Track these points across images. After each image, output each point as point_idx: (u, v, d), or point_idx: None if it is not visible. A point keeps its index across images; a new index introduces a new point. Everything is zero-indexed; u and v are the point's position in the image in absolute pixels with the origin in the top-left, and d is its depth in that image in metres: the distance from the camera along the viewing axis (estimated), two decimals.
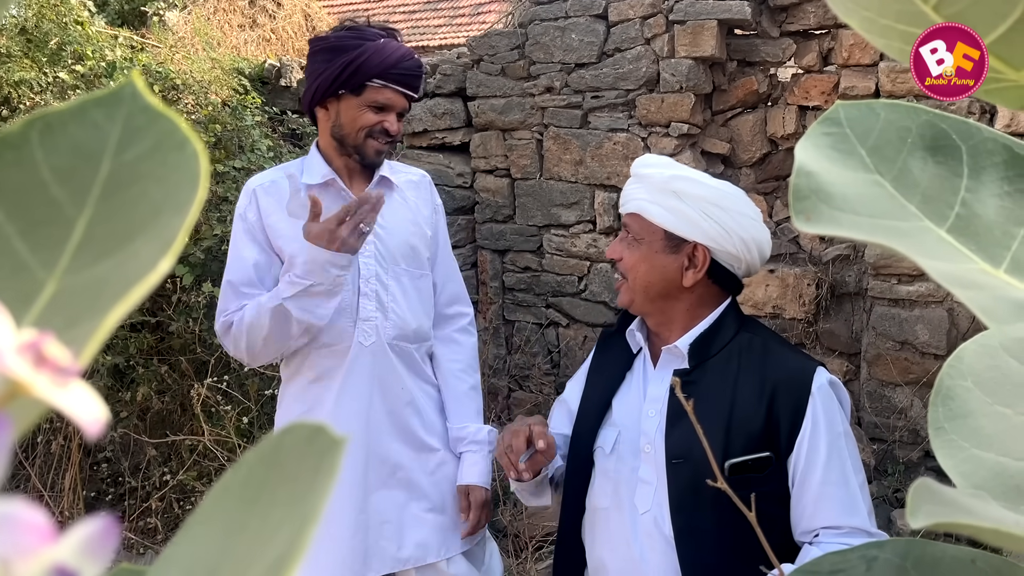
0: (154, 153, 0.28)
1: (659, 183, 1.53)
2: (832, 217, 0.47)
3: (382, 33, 1.96)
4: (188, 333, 3.11)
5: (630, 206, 1.58)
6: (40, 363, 0.21)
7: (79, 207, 0.28)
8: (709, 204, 1.51)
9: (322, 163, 2.00)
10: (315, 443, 0.24)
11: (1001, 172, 0.51)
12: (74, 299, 0.26)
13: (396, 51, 1.93)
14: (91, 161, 0.28)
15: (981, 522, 0.34)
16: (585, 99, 3.92)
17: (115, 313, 0.24)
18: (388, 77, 1.92)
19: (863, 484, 1.47)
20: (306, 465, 0.23)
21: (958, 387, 0.44)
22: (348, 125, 1.96)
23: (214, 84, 4.01)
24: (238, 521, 0.24)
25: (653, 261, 1.55)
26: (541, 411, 4.11)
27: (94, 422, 0.21)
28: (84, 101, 0.30)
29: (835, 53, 3.57)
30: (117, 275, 0.26)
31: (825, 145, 0.50)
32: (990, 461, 0.41)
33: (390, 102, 1.95)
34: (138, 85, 0.30)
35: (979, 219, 0.49)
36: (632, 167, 1.62)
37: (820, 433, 1.46)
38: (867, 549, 0.49)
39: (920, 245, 0.47)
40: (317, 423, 0.24)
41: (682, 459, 1.49)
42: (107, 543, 0.20)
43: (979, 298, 0.44)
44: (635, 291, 1.59)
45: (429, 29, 11.28)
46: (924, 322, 3.33)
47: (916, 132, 0.51)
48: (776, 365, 1.51)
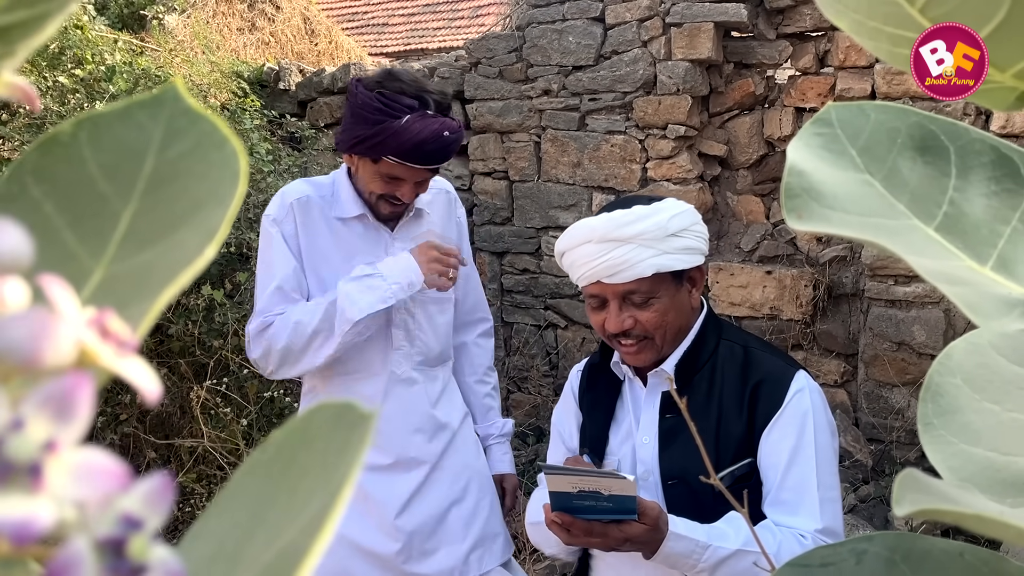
0: (195, 151, 0.30)
1: (661, 232, 1.45)
2: (823, 215, 0.47)
3: (414, 104, 1.82)
4: (187, 336, 3.11)
5: (637, 271, 1.46)
6: (105, 335, 0.23)
7: (125, 200, 0.30)
8: (696, 225, 1.51)
9: (354, 198, 1.97)
10: (344, 418, 0.25)
11: (988, 172, 0.52)
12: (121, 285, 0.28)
13: (419, 133, 1.79)
14: (136, 159, 0.30)
15: (964, 509, 0.34)
16: (583, 101, 3.93)
17: (165, 294, 0.26)
18: (406, 157, 1.82)
19: (833, 499, 1.44)
20: (336, 439, 0.24)
21: (947, 384, 0.45)
22: (362, 184, 1.93)
23: (213, 87, 4.02)
24: (268, 494, 0.25)
25: (676, 303, 1.52)
26: (540, 412, 4.11)
27: (152, 391, 0.23)
28: (129, 104, 0.32)
29: (831, 55, 3.58)
30: (162, 262, 0.28)
31: (816, 145, 0.51)
32: (978, 456, 0.42)
33: (405, 176, 1.87)
34: (180, 89, 0.32)
35: (966, 217, 0.50)
36: (595, 236, 1.48)
37: (785, 436, 1.44)
38: (857, 543, 0.50)
39: (909, 243, 0.48)
40: (345, 400, 0.25)
41: (676, 479, 1.49)
42: (166, 497, 0.22)
43: (965, 294, 0.45)
44: (664, 343, 1.53)
45: (428, 32, 11.28)
46: (921, 323, 3.34)
47: (906, 133, 0.52)
48: (756, 369, 1.50)
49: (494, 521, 2.13)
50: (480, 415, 2.25)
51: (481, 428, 2.24)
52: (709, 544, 1.36)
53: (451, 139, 1.84)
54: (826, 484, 1.44)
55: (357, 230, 1.97)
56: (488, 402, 2.25)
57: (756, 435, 1.47)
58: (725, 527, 1.40)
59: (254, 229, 3.17)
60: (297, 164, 3.79)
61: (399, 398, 2.01)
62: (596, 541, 1.37)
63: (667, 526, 1.36)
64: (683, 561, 1.37)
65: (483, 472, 2.16)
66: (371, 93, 1.83)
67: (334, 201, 1.98)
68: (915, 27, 0.44)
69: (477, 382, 2.24)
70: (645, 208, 1.47)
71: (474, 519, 2.08)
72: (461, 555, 2.04)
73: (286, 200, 1.95)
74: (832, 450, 1.48)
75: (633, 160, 3.86)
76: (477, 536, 2.07)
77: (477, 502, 2.10)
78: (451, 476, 2.07)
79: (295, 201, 1.94)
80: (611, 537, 1.35)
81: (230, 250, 3.18)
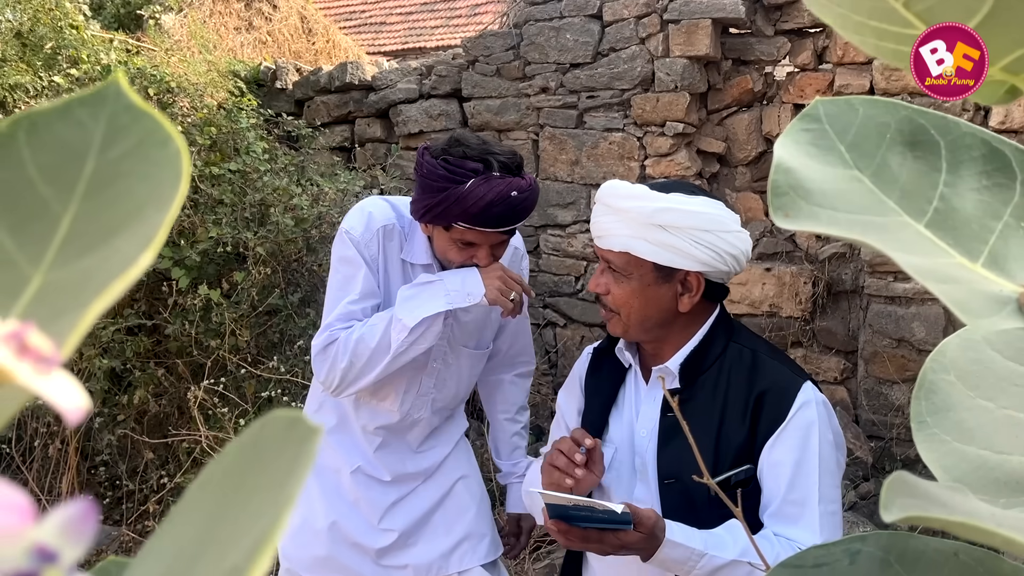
0: (137, 150, 0.29)
1: (643, 217, 1.44)
2: (811, 213, 0.47)
3: (479, 167, 1.77)
4: (185, 336, 3.11)
5: (611, 243, 1.49)
6: (23, 352, 0.21)
7: (65, 204, 0.28)
8: (699, 231, 1.44)
9: (426, 246, 1.93)
10: (294, 432, 0.24)
11: (979, 166, 0.51)
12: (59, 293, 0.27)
13: (485, 196, 1.74)
14: (76, 159, 0.29)
15: (951, 516, 0.34)
16: (580, 99, 3.93)
17: (96, 306, 0.25)
18: (474, 221, 1.77)
19: (833, 512, 1.43)
20: (285, 454, 0.24)
21: (941, 381, 0.44)
22: (440, 253, 1.88)
23: (210, 87, 4.01)
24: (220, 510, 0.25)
25: (647, 294, 1.49)
26: (539, 411, 4.10)
27: (75, 409, 0.22)
28: (69, 100, 0.31)
29: (830, 51, 3.58)
30: (100, 269, 0.26)
31: (804, 141, 0.50)
32: (972, 454, 0.41)
33: (479, 240, 1.82)
34: (122, 84, 0.31)
35: (957, 213, 0.49)
36: (601, 195, 1.52)
37: (789, 449, 1.42)
38: (850, 543, 0.49)
39: (898, 240, 0.47)
40: (295, 413, 0.25)
41: (673, 479, 1.49)
42: (87, 526, 0.21)
43: (953, 292, 0.45)
44: (630, 324, 1.53)
45: (426, 31, 11.27)
46: (920, 319, 3.33)
47: (895, 128, 0.51)
48: (762, 376, 1.47)
49: (481, 522, 2.15)
50: (506, 452, 2.25)
51: (505, 465, 2.24)
52: (705, 552, 1.35)
53: (520, 199, 1.78)
54: (828, 498, 1.42)
55: (417, 274, 1.93)
56: (516, 440, 2.25)
57: (757, 444, 1.45)
58: (724, 534, 1.39)
59: (250, 228, 3.16)
60: (294, 163, 3.78)
61: (409, 434, 2.06)
62: (593, 547, 1.38)
63: (664, 533, 1.35)
64: (679, 567, 1.37)
65: (473, 476, 2.19)
66: (436, 161, 1.80)
67: (407, 242, 1.95)
68: (901, 22, 0.44)
69: (508, 420, 2.25)
70: (644, 190, 1.47)
71: (459, 518, 2.11)
72: (443, 550, 2.07)
73: (373, 225, 1.90)
74: (835, 463, 1.46)
75: (631, 158, 3.85)
76: (461, 534, 2.10)
77: (463, 502, 2.13)
78: (439, 482, 2.12)
79: (381, 228, 1.90)
80: (607, 543, 1.36)
81: (227, 249, 3.17)
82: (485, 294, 1.82)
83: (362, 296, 1.87)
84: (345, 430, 2.05)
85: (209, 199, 3.21)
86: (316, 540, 2.03)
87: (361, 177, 4.07)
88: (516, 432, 2.25)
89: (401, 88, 4.46)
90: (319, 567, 2.03)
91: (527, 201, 1.80)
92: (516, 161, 1.83)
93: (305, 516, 2.03)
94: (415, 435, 2.07)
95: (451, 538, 2.09)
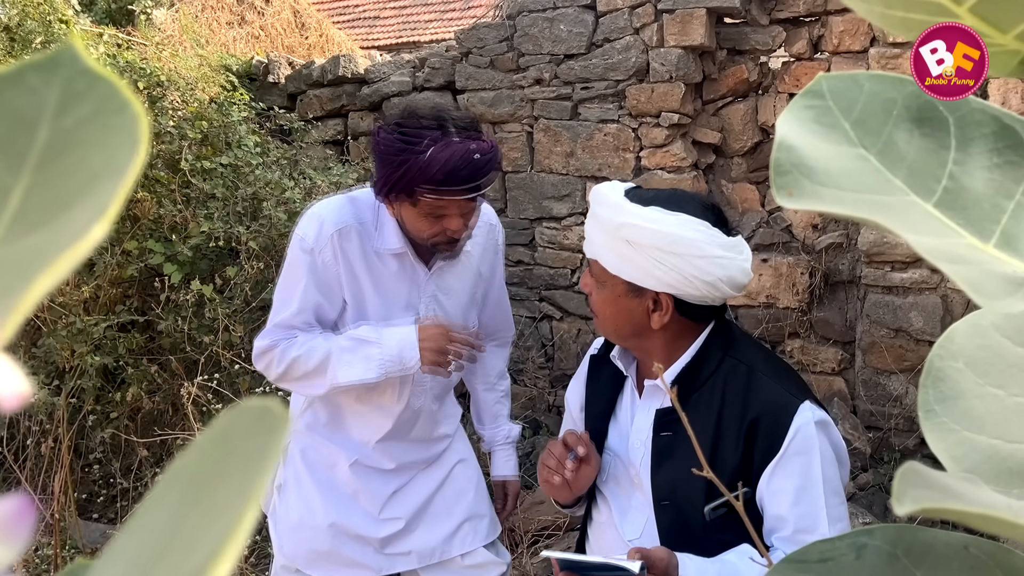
0: (94, 118, 0.27)
1: (611, 228, 1.39)
2: (814, 192, 0.45)
3: (435, 133, 1.74)
4: (177, 332, 3.08)
5: (587, 248, 1.46)
6: None
7: (15, 175, 0.27)
8: (662, 252, 1.35)
9: (397, 232, 1.90)
10: (262, 422, 0.24)
11: (990, 143, 0.49)
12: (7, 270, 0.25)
13: (446, 160, 1.71)
14: (28, 127, 0.27)
15: (969, 507, 0.32)
16: (575, 90, 3.90)
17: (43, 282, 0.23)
18: (440, 186, 1.73)
19: (842, 530, 1.36)
20: (254, 444, 0.24)
21: (949, 368, 0.43)
22: (411, 229, 1.85)
23: (201, 82, 3.98)
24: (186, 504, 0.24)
25: (618, 305, 1.45)
26: (535, 405, 4.09)
27: (12, 395, 0.20)
28: (21, 66, 0.29)
29: (825, 40, 3.56)
30: (52, 245, 0.25)
31: (807, 118, 0.49)
32: (982, 444, 0.40)
33: (448, 207, 1.79)
34: (77, 48, 0.29)
35: (967, 192, 0.48)
36: (591, 195, 1.48)
37: (789, 476, 1.37)
38: (856, 536, 0.48)
39: (906, 220, 0.45)
40: (265, 402, 0.24)
41: (668, 502, 1.46)
42: (22, 525, 0.19)
43: (967, 273, 0.43)
44: (607, 331, 1.52)
45: (420, 24, 11.24)
46: (918, 309, 3.32)
47: (902, 104, 0.50)
48: (757, 397, 1.40)
49: (480, 503, 2.16)
50: (488, 419, 2.26)
51: (488, 432, 2.26)
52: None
53: (483, 160, 1.75)
54: (835, 516, 1.38)
55: (393, 266, 1.92)
56: (498, 408, 2.26)
57: (754, 471, 1.40)
58: (736, 562, 1.35)
59: (243, 223, 3.14)
60: (286, 156, 3.76)
61: (411, 423, 2.05)
62: None
63: (677, 571, 1.32)
64: None
65: (470, 459, 2.20)
66: (391, 134, 1.77)
67: (376, 232, 1.91)
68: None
69: (488, 389, 2.26)
70: (620, 200, 1.40)
71: (459, 500, 2.12)
72: (445, 533, 2.08)
73: (325, 230, 1.87)
74: (839, 480, 1.41)
75: (627, 149, 3.83)
76: (462, 517, 2.11)
77: (462, 485, 2.14)
78: (439, 468, 2.13)
79: (335, 233, 1.87)
80: None
81: (219, 244, 3.15)
82: (420, 363, 1.85)
83: (299, 310, 1.88)
84: (339, 426, 2.04)
85: (201, 193, 3.18)
86: (316, 536, 2.02)
87: (354, 170, 4.05)
88: (497, 400, 2.26)
89: (394, 81, 4.44)
90: (322, 562, 2.03)
91: (490, 161, 1.77)
92: (473, 123, 1.81)
93: (303, 513, 2.01)
94: (421, 425, 2.06)
95: (452, 521, 2.09)
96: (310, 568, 2.03)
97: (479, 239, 2.05)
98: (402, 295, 1.94)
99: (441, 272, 1.98)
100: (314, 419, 2.04)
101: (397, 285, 1.94)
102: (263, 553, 2.96)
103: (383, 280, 1.92)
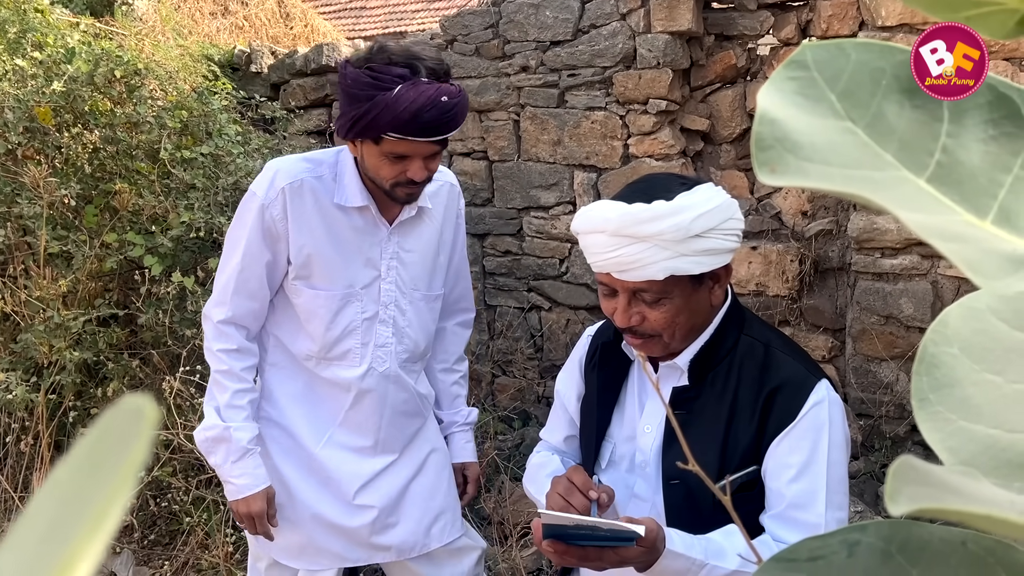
0: None
1: (681, 233, 1.33)
2: (799, 168, 0.42)
3: (405, 73, 1.71)
4: (159, 325, 3.04)
5: (646, 273, 1.35)
6: None
7: None
8: (727, 221, 1.38)
9: (359, 186, 1.88)
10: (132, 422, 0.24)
11: (985, 114, 0.46)
12: None
13: (414, 101, 1.69)
14: None
15: (970, 507, 0.30)
16: (561, 77, 3.87)
17: None
18: (405, 129, 1.71)
19: (840, 520, 1.37)
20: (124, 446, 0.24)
21: (943, 354, 0.40)
22: (372, 171, 1.83)
23: (182, 71, 3.92)
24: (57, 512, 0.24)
25: (690, 306, 1.41)
26: (524, 396, 4.07)
27: None
28: None
29: (814, 25, 3.53)
30: None
31: (790, 90, 0.46)
32: (980, 434, 0.38)
33: (411, 151, 1.77)
34: None
35: (962, 166, 0.45)
36: (611, 228, 1.36)
37: (796, 449, 1.37)
38: (848, 533, 0.45)
39: (898, 196, 0.43)
40: (138, 400, 0.25)
41: (678, 480, 1.44)
42: None
43: (964, 251, 0.40)
44: (674, 341, 1.44)
45: (407, 14, 11.19)
46: (908, 295, 3.31)
47: (891, 73, 0.47)
48: (776, 373, 1.41)
49: (452, 495, 2.16)
50: (447, 402, 2.24)
51: (446, 415, 2.23)
52: (706, 563, 1.31)
53: (451, 104, 1.73)
54: (835, 503, 1.37)
55: (355, 222, 1.90)
56: (456, 390, 2.24)
57: (764, 442, 1.40)
58: (723, 542, 1.34)
59: (225, 214, 3.09)
60: (268, 145, 3.71)
61: (380, 390, 2.00)
62: (591, 564, 1.31)
63: (664, 543, 1.30)
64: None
65: (442, 449, 2.19)
66: (360, 70, 1.74)
67: (336, 185, 1.89)
68: None
69: (446, 370, 2.23)
70: (666, 205, 1.34)
71: (435, 493, 2.11)
72: (424, 527, 2.07)
73: (277, 183, 1.85)
74: (845, 467, 1.40)
75: (614, 137, 3.80)
76: (437, 510, 2.10)
77: (436, 476, 2.13)
78: (413, 456, 2.10)
79: (287, 186, 1.85)
80: (607, 560, 1.29)
81: (200, 235, 3.10)
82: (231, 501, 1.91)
83: (242, 264, 1.88)
84: (313, 396, 2.01)
85: (181, 183, 3.13)
86: (293, 529, 2.01)
87: None
88: (455, 381, 2.24)
89: None
90: (302, 554, 2.02)
91: (457, 107, 1.75)
92: (444, 67, 1.79)
93: (280, 505, 1.99)
94: (393, 392, 2.02)
95: (429, 515, 2.09)
96: (285, 558, 2.02)
97: (440, 198, 2.04)
98: (362, 251, 1.92)
99: (403, 229, 1.96)
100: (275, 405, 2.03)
101: (358, 241, 1.91)
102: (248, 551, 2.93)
103: (342, 236, 1.90)
